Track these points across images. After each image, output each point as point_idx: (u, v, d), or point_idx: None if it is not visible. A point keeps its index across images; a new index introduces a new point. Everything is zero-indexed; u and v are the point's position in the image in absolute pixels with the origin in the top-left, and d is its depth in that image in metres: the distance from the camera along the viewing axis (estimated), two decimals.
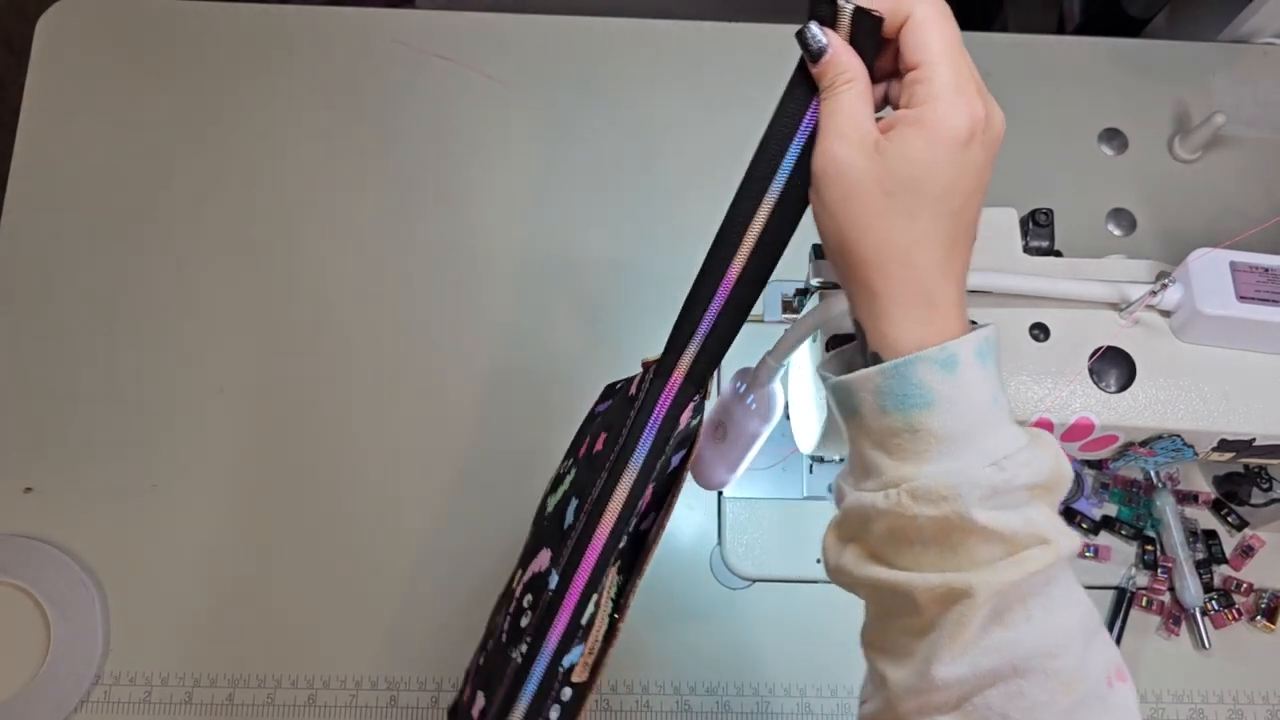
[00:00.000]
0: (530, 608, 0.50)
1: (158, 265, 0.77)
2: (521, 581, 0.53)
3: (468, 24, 0.85)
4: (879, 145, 0.39)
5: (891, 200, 0.39)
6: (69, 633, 0.67)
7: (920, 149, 0.39)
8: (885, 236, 0.39)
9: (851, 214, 0.40)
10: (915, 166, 0.39)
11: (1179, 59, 0.86)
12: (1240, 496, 0.71)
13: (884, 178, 0.39)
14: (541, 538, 0.54)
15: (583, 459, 0.54)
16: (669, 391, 0.51)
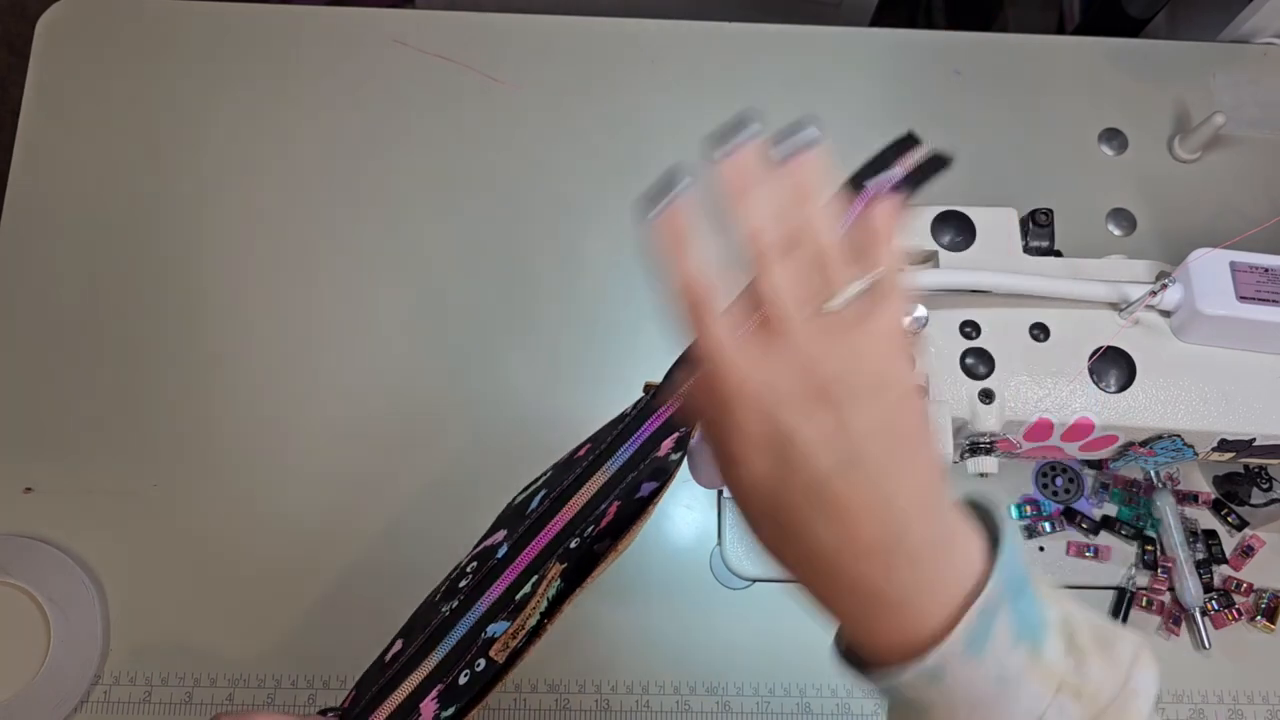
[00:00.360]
0: (472, 573, 0.50)
1: (158, 265, 0.77)
2: (471, 554, 0.53)
3: (468, 24, 0.85)
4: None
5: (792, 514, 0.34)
6: (69, 633, 0.67)
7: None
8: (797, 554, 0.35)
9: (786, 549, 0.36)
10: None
11: (1179, 59, 0.86)
12: (1240, 496, 0.71)
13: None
14: (500, 523, 0.54)
15: (560, 463, 0.55)
16: (661, 415, 0.52)
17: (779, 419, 0.33)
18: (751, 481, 0.34)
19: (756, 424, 0.33)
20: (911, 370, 0.35)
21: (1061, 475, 0.73)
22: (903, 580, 0.33)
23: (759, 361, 0.34)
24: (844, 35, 0.86)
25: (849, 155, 0.87)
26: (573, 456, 0.55)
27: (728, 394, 0.33)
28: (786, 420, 0.33)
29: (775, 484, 0.33)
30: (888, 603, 0.34)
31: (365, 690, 0.51)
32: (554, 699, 0.68)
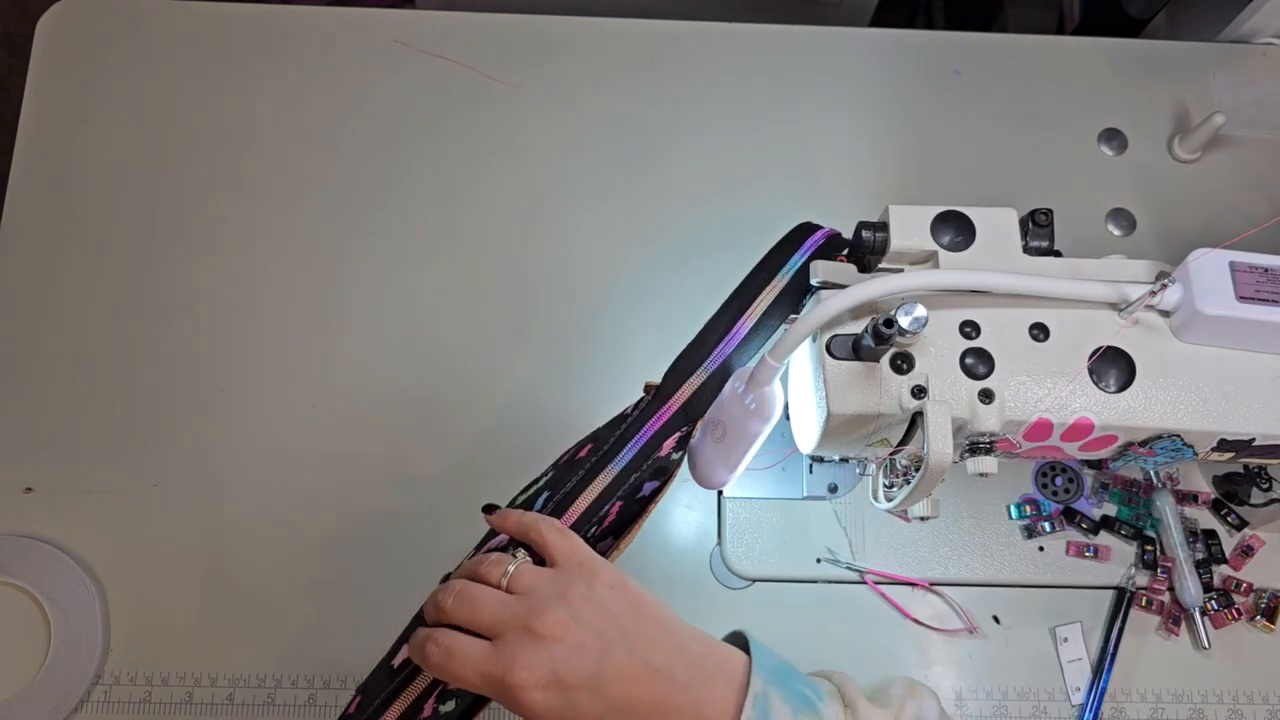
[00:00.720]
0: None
1: (158, 265, 0.77)
2: (473, 556, 0.54)
3: (468, 24, 0.85)
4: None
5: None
6: (69, 633, 0.67)
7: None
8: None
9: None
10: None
11: (1179, 59, 0.86)
12: (1240, 496, 0.71)
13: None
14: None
15: (563, 464, 0.55)
16: (662, 415, 0.52)
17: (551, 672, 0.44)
18: (549, 713, 0.43)
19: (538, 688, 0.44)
20: (602, 561, 0.48)
21: (1061, 475, 0.73)
22: (682, 711, 0.44)
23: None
24: (844, 35, 0.86)
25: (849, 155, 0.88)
26: (575, 457, 0.55)
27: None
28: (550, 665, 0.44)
29: (564, 708, 0.43)
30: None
31: (373, 695, 0.51)
32: None
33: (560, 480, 0.53)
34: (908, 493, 0.54)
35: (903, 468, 0.60)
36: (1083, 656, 0.69)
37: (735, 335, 0.56)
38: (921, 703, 0.46)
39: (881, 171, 0.82)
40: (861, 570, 0.70)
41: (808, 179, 0.81)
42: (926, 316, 0.49)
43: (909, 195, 0.80)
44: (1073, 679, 0.69)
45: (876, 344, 0.50)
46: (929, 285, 0.52)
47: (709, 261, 0.78)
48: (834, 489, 0.72)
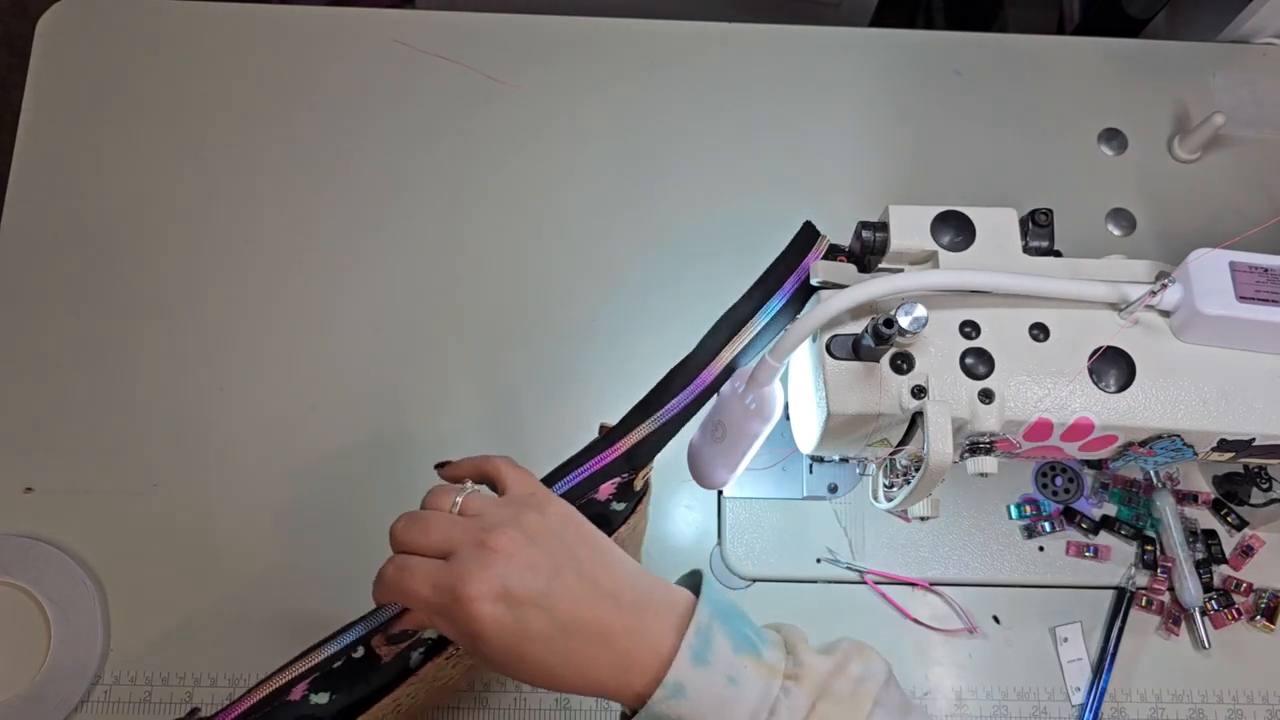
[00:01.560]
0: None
1: (158, 265, 0.77)
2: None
3: (468, 24, 0.85)
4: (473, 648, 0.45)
5: (521, 666, 0.44)
6: (69, 633, 0.67)
7: (484, 650, 0.44)
8: (547, 678, 0.44)
9: (519, 679, 0.45)
10: (499, 657, 0.44)
11: (1179, 59, 0.86)
12: (1240, 496, 0.71)
13: (504, 665, 0.44)
14: None
15: None
16: (606, 456, 0.52)
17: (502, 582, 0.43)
18: (496, 628, 0.43)
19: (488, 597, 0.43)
20: (553, 495, 0.48)
21: (1061, 475, 0.73)
22: (631, 639, 0.43)
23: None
24: (844, 35, 0.86)
25: (849, 155, 0.88)
26: None
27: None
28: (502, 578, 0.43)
29: (513, 623, 0.43)
30: (629, 660, 0.43)
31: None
32: (554, 698, 0.68)
33: None
34: (908, 493, 0.54)
35: (903, 468, 0.60)
36: (1083, 656, 0.69)
37: (696, 387, 0.56)
38: (868, 662, 0.46)
39: (881, 171, 0.82)
40: (861, 570, 0.70)
41: (808, 179, 0.81)
42: (926, 316, 0.49)
43: (909, 195, 0.80)
44: (1073, 679, 0.69)
45: (876, 344, 0.50)
46: (929, 285, 0.52)
47: (709, 261, 0.78)
48: (834, 489, 0.72)
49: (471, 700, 0.67)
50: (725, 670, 0.43)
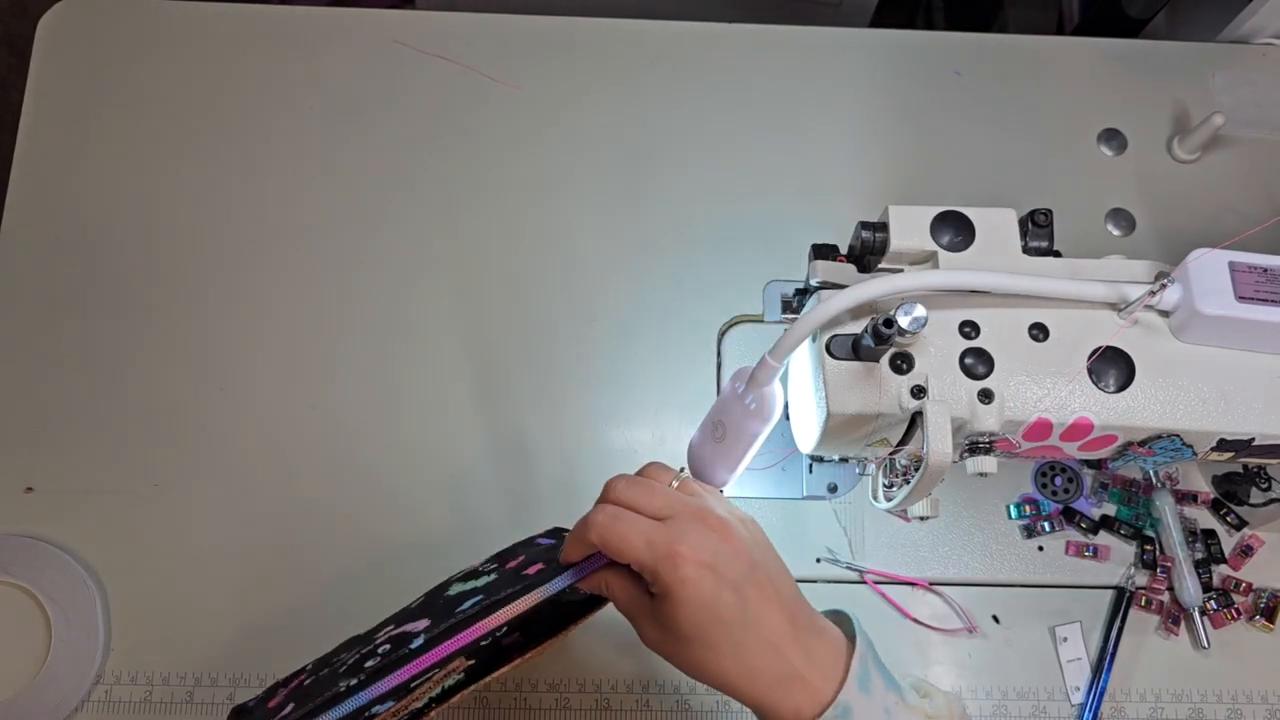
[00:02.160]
0: (383, 655, 0.52)
1: (158, 265, 0.77)
2: (389, 635, 0.54)
3: (468, 24, 0.85)
4: (657, 616, 0.48)
5: (699, 645, 0.47)
6: (70, 633, 0.67)
7: (679, 611, 0.47)
8: (713, 668, 0.47)
9: (687, 665, 0.48)
10: (686, 622, 0.47)
11: (1179, 59, 0.86)
12: (1239, 496, 0.71)
13: (679, 639, 0.48)
14: (429, 610, 0.55)
15: (509, 570, 0.55)
16: (592, 563, 0.52)
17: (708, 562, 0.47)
18: (696, 593, 0.46)
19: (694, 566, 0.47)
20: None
21: (1061, 475, 0.73)
22: (801, 656, 0.47)
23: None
24: (844, 35, 0.86)
25: (849, 155, 0.88)
26: (521, 571, 0.55)
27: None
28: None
29: (711, 596, 0.46)
30: (796, 676, 0.47)
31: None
32: (554, 698, 0.68)
33: (498, 587, 0.53)
34: (907, 493, 0.54)
35: (902, 468, 0.60)
36: (1082, 656, 0.69)
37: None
38: (961, 703, 0.51)
39: (881, 171, 0.82)
40: (861, 570, 0.70)
41: (808, 179, 0.81)
42: (926, 316, 0.49)
43: (909, 195, 0.81)
44: (1072, 678, 0.69)
45: (876, 344, 0.50)
46: (929, 285, 0.52)
47: (709, 261, 0.78)
48: (834, 489, 0.72)
49: (471, 700, 0.67)
50: (881, 702, 0.47)
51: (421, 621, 0.54)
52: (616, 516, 0.48)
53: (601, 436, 0.74)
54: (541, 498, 0.72)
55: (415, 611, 0.58)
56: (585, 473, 0.73)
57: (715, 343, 0.77)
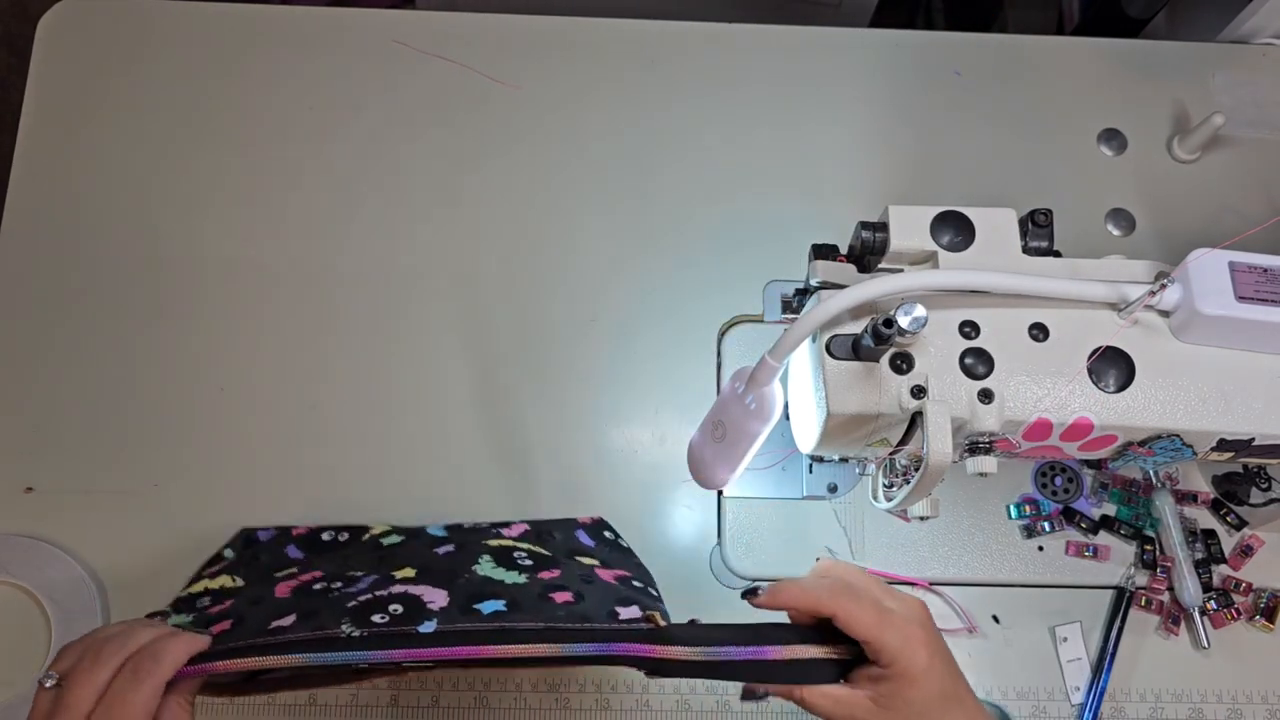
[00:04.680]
0: (392, 617, 0.51)
1: (158, 265, 0.77)
2: (405, 592, 0.53)
3: (468, 24, 0.85)
4: (880, 699, 0.49)
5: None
6: (70, 632, 0.67)
7: (913, 693, 0.48)
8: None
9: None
10: (919, 703, 0.48)
11: (1178, 59, 0.86)
12: (1239, 496, 0.71)
13: (897, 717, 0.49)
14: (450, 580, 0.55)
15: (538, 586, 0.55)
16: (639, 648, 0.50)
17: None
18: (931, 678, 0.48)
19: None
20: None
21: (1061, 475, 0.73)
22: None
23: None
24: (844, 35, 0.86)
25: (849, 155, 0.88)
26: (549, 598, 0.54)
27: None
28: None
29: (940, 674, 0.49)
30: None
31: (240, 633, 0.51)
32: (554, 698, 0.68)
33: (521, 607, 0.53)
34: (907, 493, 0.54)
35: (902, 468, 0.60)
36: (1082, 656, 0.69)
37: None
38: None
39: (881, 171, 0.82)
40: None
41: (808, 179, 0.81)
42: (926, 316, 0.49)
43: (909, 195, 0.81)
44: (1072, 678, 0.69)
45: (876, 344, 0.50)
46: (929, 285, 0.52)
47: (709, 261, 0.78)
48: (834, 489, 0.72)
49: (472, 700, 0.67)
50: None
51: (440, 593, 0.54)
52: (859, 594, 0.49)
53: (601, 436, 0.74)
54: (541, 497, 0.72)
55: (436, 567, 0.57)
56: (585, 473, 0.73)
57: (715, 343, 0.77)
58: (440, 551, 0.62)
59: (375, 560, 0.61)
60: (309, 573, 0.60)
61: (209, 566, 0.66)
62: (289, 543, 0.67)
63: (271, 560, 0.65)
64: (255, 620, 0.53)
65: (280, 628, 0.51)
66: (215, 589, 0.61)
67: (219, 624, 0.53)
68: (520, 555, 0.61)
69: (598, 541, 0.67)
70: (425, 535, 0.67)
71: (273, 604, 0.55)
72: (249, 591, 0.60)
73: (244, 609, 0.55)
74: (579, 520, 0.69)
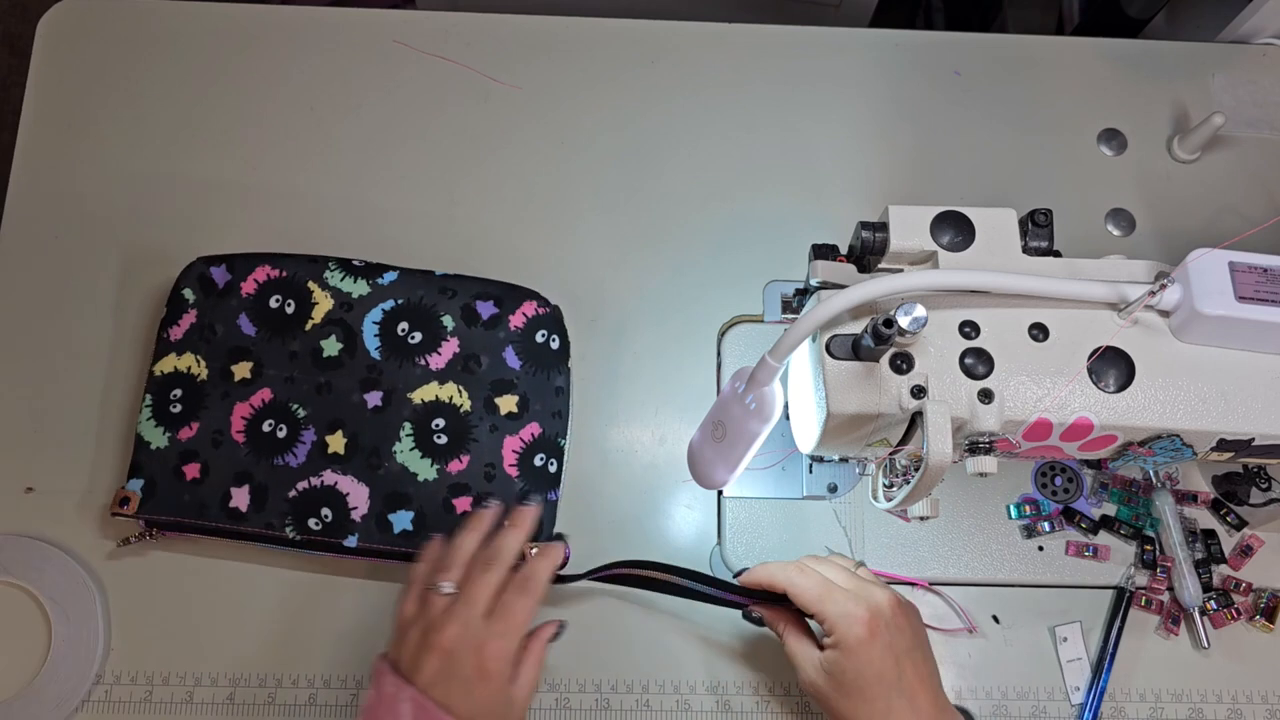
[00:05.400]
0: (323, 521, 0.67)
1: (158, 265, 0.77)
2: (331, 479, 0.68)
3: (468, 24, 0.85)
4: (825, 664, 0.58)
5: (856, 698, 0.56)
6: (70, 632, 0.67)
7: (847, 662, 0.57)
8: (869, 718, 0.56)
9: (839, 713, 0.57)
10: (852, 673, 0.56)
11: (1178, 59, 0.86)
12: (1239, 496, 0.71)
13: (840, 687, 0.57)
14: (371, 471, 0.68)
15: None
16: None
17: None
18: (866, 657, 0.56)
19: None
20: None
21: (1060, 475, 0.73)
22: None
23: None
24: (844, 35, 0.86)
25: (849, 155, 0.88)
26: (451, 506, 0.69)
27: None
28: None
29: (878, 657, 0.57)
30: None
31: (208, 486, 0.68)
32: (554, 698, 0.68)
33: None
34: (907, 493, 0.54)
35: (902, 468, 0.60)
36: (1082, 656, 0.69)
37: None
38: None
39: (881, 171, 0.82)
40: None
41: (808, 179, 0.81)
42: (926, 316, 0.49)
43: (909, 195, 0.81)
44: (1072, 679, 0.69)
45: (876, 344, 0.50)
46: (929, 285, 0.52)
47: (709, 262, 0.78)
48: (834, 489, 0.72)
49: None
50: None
51: (363, 491, 0.68)
52: (808, 573, 0.59)
53: (601, 436, 0.74)
54: None
55: (363, 439, 0.68)
56: (586, 473, 0.73)
57: (715, 343, 0.77)
58: (369, 405, 0.69)
59: (314, 389, 0.69)
60: (259, 391, 0.69)
61: (171, 312, 0.71)
62: (241, 310, 0.71)
63: (225, 335, 0.70)
64: (217, 473, 0.67)
65: (237, 510, 0.67)
66: (183, 372, 0.70)
67: (190, 463, 0.68)
68: (438, 425, 0.69)
69: (524, 362, 0.71)
70: (362, 345, 0.70)
71: (230, 451, 0.68)
72: (211, 410, 0.69)
73: (208, 454, 0.68)
74: (520, 315, 0.72)
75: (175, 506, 0.67)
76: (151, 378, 0.70)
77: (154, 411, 0.69)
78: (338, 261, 0.72)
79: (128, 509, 0.67)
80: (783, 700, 0.68)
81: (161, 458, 0.68)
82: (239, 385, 0.69)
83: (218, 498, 0.67)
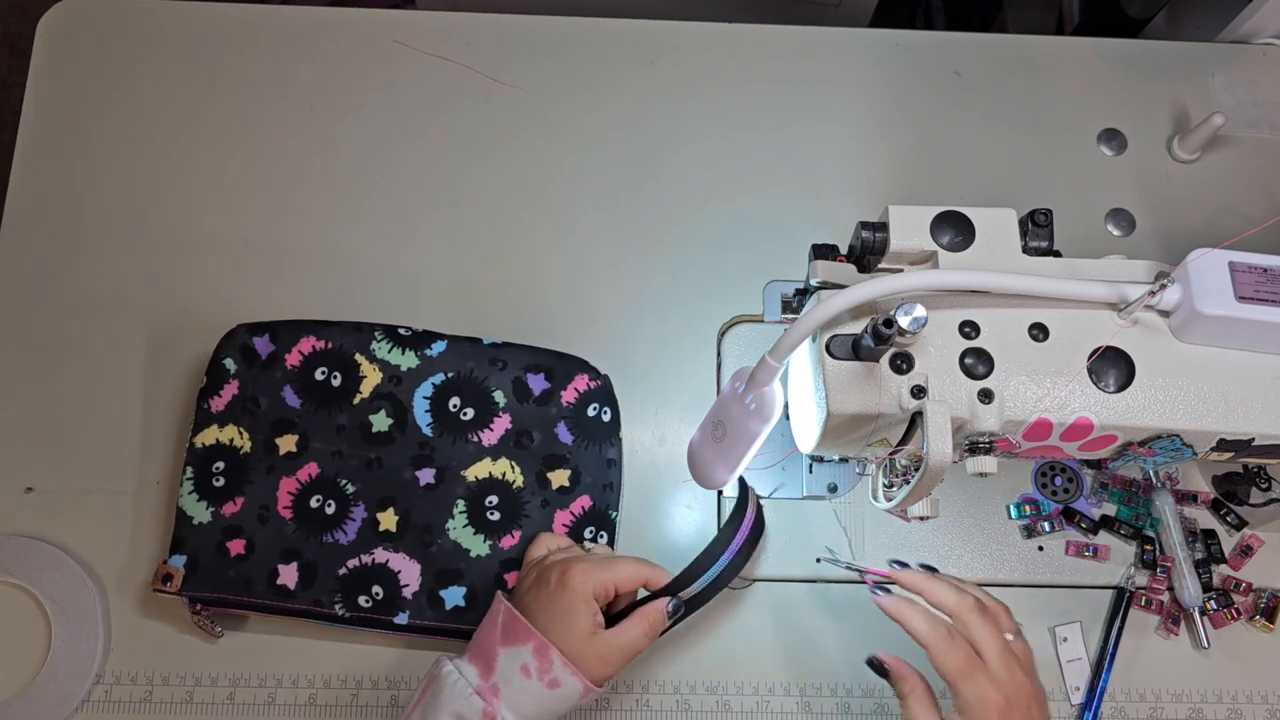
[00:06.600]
0: (373, 599, 0.66)
1: (157, 265, 0.77)
2: (382, 557, 0.67)
3: (468, 24, 0.85)
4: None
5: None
6: (70, 632, 0.67)
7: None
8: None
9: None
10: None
11: (1178, 59, 0.86)
12: (1239, 496, 0.71)
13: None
14: (424, 547, 0.67)
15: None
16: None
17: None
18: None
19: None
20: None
21: (1061, 475, 0.73)
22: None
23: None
24: (844, 35, 0.86)
25: (849, 155, 0.88)
26: (503, 580, 0.68)
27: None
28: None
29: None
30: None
31: (252, 563, 0.66)
32: None
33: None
34: (907, 493, 0.54)
35: (902, 468, 0.60)
36: (1082, 656, 0.69)
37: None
38: None
39: (881, 172, 0.82)
40: (861, 570, 0.70)
41: (808, 179, 0.81)
42: (926, 316, 0.49)
43: (909, 195, 0.81)
44: (1072, 679, 0.69)
45: (876, 344, 0.50)
46: (929, 285, 0.52)
47: (709, 261, 0.78)
48: (834, 489, 0.72)
49: None
50: None
51: (414, 568, 0.66)
52: (957, 643, 0.57)
53: None
54: None
55: (415, 517, 0.68)
56: None
57: (715, 343, 0.77)
58: (421, 483, 0.68)
59: (364, 465, 0.68)
60: (306, 465, 0.68)
61: (211, 381, 0.69)
62: (286, 382, 0.69)
63: (270, 407, 0.69)
64: (263, 550, 0.66)
65: (284, 588, 0.65)
66: (226, 444, 0.68)
67: (234, 539, 0.66)
68: (491, 503, 0.68)
69: (577, 437, 0.70)
70: (413, 420, 0.69)
71: (277, 527, 0.66)
72: (256, 485, 0.67)
73: (253, 530, 0.66)
74: (573, 390, 0.71)
75: (220, 583, 0.65)
76: (192, 449, 0.68)
77: (195, 484, 0.67)
78: (384, 330, 0.70)
79: (171, 586, 0.65)
80: (782, 700, 0.68)
81: (205, 533, 0.66)
82: (284, 459, 0.68)
83: (264, 575, 0.66)
